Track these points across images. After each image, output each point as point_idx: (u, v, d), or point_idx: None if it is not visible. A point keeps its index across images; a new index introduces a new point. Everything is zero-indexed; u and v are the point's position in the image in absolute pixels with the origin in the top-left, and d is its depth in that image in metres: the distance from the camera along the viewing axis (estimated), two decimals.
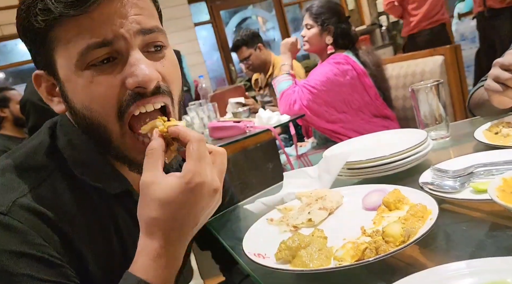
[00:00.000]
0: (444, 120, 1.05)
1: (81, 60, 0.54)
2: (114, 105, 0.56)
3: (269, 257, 0.63)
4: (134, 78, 0.54)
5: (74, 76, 0.55)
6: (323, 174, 0.89)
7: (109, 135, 0.57)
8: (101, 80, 0.55)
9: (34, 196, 0.56)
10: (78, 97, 0.56)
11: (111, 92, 0.55)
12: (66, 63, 0.55)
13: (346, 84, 1.92)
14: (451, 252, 0.57)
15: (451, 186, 0.70)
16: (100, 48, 0.54)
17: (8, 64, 5.33)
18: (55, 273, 0.53)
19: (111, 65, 0.55)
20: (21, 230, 0.52)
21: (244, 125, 1.92)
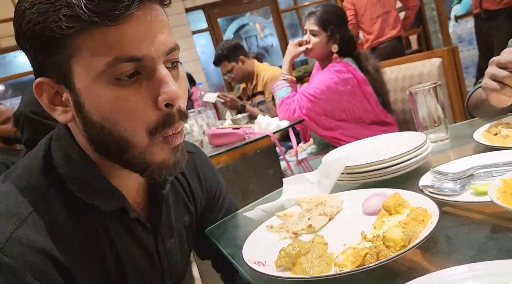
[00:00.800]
0: (443, 123, 1.05)
1: (107, 72, 0.52)
2: (143, 122, 0.55)
3: (269, 265, 0.62)
4: (164, 95, 0.54)
5: (96, 88, 0.53)
6: (322, 179, 0.89)
7: (131, 145, 0.56)
8: (129, 96, 0.54)
9: (31, 224, 0.55)
10: (99, 110, 0.54)
11: (140, 108, 0.54)
12: (87, 73, 0.53)
13: (346, 92, 1.90)
14: (452, 256, 0.57)
15: (451, 188, 0.69)
16: (127, 63, 0.52)
17: (7, 77, 5.35)
18: None
19: (136, 80, 0.54)
20: (13, 268, 0.51)
21: (243, 132, 1.91)
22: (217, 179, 0.90)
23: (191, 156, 0.84)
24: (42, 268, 0.53)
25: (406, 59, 2.16)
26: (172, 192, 0.76)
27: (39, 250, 0.54)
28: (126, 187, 0.65)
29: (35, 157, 0.62)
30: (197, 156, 0.87)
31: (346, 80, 1.89)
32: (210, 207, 0.88)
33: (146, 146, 0.56)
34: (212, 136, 1.95)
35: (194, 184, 0.82)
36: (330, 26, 1.94)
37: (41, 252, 0.54)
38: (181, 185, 0.79)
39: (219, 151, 1.79)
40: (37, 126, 1.67)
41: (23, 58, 5.32)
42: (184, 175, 0.80)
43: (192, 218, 0.81)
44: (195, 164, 0.84)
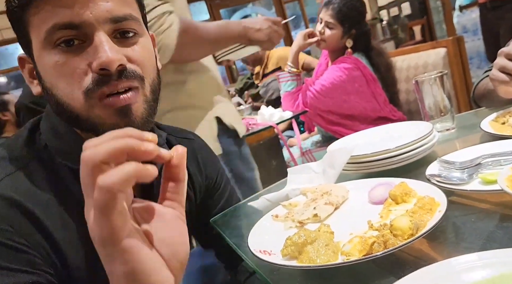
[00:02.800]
0: (449, 112, 1.04)
1: (48, 39, 0.55)
2: (79, 86, 0.56)
3: (275, 254, 0.62)
4: (97, 60, 0.54)
5: (43, 55, 0.56)
6: (327, 169, 0.88)
7: (75, 111, 0.57)
8: (67, 61, 0.55)
9: (6, 184, 0.56)
10: (46, 76, 0.57)
11: (76, 74, 0.55)
12: (37, 42, 0.56)
13: (353, 91, 1.86)
14: (461, 245, 0.56)
15: (459, 177, 0.69)
16: (67, 30, 0.54)
17: (9, 68, 5.34)
18: (19, 260, 0.52)
19: (78, 47, 0.55)
20: None
21: (246, 123, 1.91)
22: (217, 166, 0.89)
23: (190, 142, 0.84)
24: (18, 221, 0.54)
25: (410, 49, 2.14)
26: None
27: (13, 204, 0.54)
28: None
29: (21, 132, 0.65)
30: (195, 142, 0.86)
31: (354, 79, 1.84)
32: (211, 194, 0.87)
33: (86, 109, 0.56)
34: None
35: (192, 169, 0.82)
36: (348, 21, 1.86)
37: (15, 206, 0.54)
38: None
39: None
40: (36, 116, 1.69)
41: None
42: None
43: (191, 203, 0.81)
44: (194, 150, 0.84)
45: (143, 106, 0.60)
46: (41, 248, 0.55)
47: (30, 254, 0.54)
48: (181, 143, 0.82)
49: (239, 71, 5.87)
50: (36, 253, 0.54)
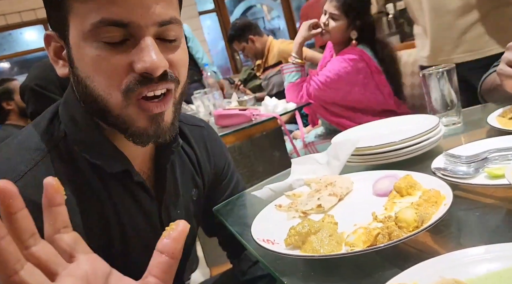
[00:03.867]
0: (455, 106, 1.03)
1: (93, 31, 0.54)
2: (119, 83, 0.56)
3: (278, 243, 0.62)
4: (142, 63, 0.55)
5: (84, 45, 0.55)
6: (332, 160, 0.88)
7: (108, 106, 0.57)
8: (110, 57, 0.55)
9: (28, 181, 0.55)
10: (83, 66, 0.56)
11: (117, 71, 0.55)
12: (78, 30, 0.55)
13: (358, 83, 1.84)
14: (466, 239, 0.56)
15: (465, 171, 0.68)
16: (114, 27, 0.54)
17: (13, 53, 5.33)
18: None
19: (120, 44, 0.55)
20: None
21: (250, 113, 1.90)
22: (225, 155, 0.89)
23: (200, 130, 0.84)
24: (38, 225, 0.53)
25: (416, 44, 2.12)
26: (179, 163, 0.76)
27: (35, 207, 0.53)
28: (131, 153, 0.65)
29: (40, 119, 0.64)
30: (206, 130, 0.86)
31: (359, 70, 1.83)
32: (217, 183, 0.87)
33: (121, 107, 0.57)
34: (218, 117, 1.94)
35: (202, 157, 0.82)
36: (352, 12, 1.84)
37: (36, 209, 0.53)
38: (189, 157, 0.79)
39: (225, 132, 1.79)
40: (41, 99, 1.69)
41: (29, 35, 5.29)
42: (192, 147, 0.80)
43: (200, 192, 0.81)
44: (204, 138, 0.84)
45: (172, 110, 0.61)
46: None
47: None
48: (192, 130, 0.82)
49: (243, 62, 5.84)
50: None
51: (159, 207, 0.69)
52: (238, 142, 1.86)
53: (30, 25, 5.00)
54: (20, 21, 4.79)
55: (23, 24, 4.88)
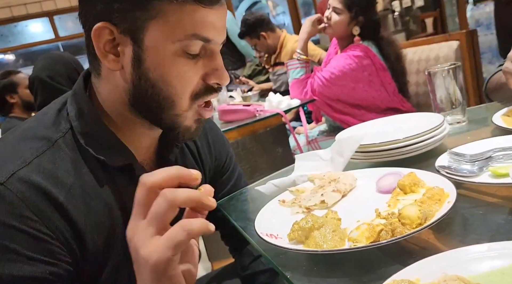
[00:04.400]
0: (461, 105, 1.03)
1: (182, 43, 0.58)
2: (190, 89, 0.62)
3: (282, 238, 0.62)
4: (219, 78, 0.63)
5: (166, 51, 0.58)
6: (335, 157, 0.88)
7: (174, 107, 0.62)
8: (190, 67, 0.60)
9: (34, 167, 0.56)
10: (159, 69, 0.59)
11: (193, 79, 0.61)
12: (165, 36, 0.58)
13: (363, 80, 1.84)
14: (469, 236, 0.56)
15: (469, 170, 0.68)
16: (200, 41, 0.59)
17: (18, 46, 5.34)
18: (39, 249, 0.53)
19: (197, 56, 0.61)
20: (13, 201, 0.53)
21: (254, 109, 1.90)
22: (227, 148, 0.90)
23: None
24: (42, 208, 0.55)
25: (422, 41, 2.11)
26: (180, 156, 0.77)
27: (41, 191, 0.55)
28: (136, 146, 0.67)
29: (48, 110, 0.65)
30: (207, 123, 0.87)
31: (363, 67, 1.82)
32: (219, 176, 0.87)
33: (186, 108, 0.62)
34: (222, 112, 1.94)
35: (203, 148, 0.82)
36: (355, 7, 1.83)
37: (41, 193, 0.55)
38: (190, 150, 0.80)
39: (229, 127, 1.79)
40: (51, 91, 1.70)
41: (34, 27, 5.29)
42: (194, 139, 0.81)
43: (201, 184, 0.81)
44: (205, 130, 0.85)
45: None
46: (62, 235, 0.56)
47: (51, 243, 0.55)
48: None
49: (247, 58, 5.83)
50: (56, 242, 0.55)
51: None
52: (242, 138, 1.86)
53: (35, 18, 5.01)
54: (26, 13, 4.80)
55: (28, 17, 4.89)
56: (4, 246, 0.51)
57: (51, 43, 5.19)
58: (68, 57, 1.88)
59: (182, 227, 0.46)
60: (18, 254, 0.52)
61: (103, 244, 0.61)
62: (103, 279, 0.62)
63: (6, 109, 2.62)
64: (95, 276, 0.61)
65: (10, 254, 0.51)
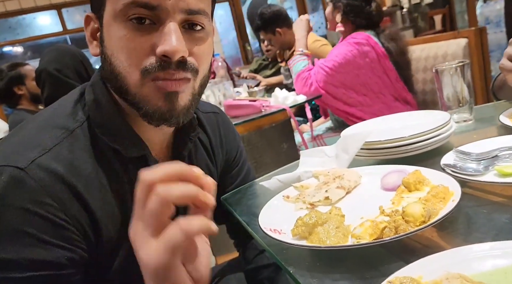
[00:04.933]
0: (468, 103, 1.02)
1: (123, 11, 0.56)
2: (139, 63, 0.58)
3: (285, 233, 0.63)
4: (162, 46, 0.56)
5: (113, 24, 0.58)
6: (340, 153, 0.88)
7: (126, 84, 0.59)
8: (134, 37, 0.57)
9: (53, 155, 0.57)
10: (111, 44, 0.59)
11: (139, 51, 0.57)
12: (111, 9, 0.58)
13: (365, 66, 1.86)
14: (472, 235, 0.56)
15: (474, 168, 0.68)
16: (142, 8, 0.56)
17: (26, 38, 5.37)
18: (58, 235, 0.54)
19: (147, 27, 0.57)
20: (33, 187, 0.53)
21: (260, 104, 1.90)
22: (238, 143, 0.90)
23: (215, 116, 0.85)
24: (60, 195, 0.56)
25: (430, 39, 2.10)
26: (194, 151, 0.77)
27: (59, 178, 0.56)
28: (150, 139, 0.67)
29: (66, 100, 0.66)
30: (220, 116, 0.87)
31: (365, 53, 1.84)
32: (228, 170, 0.88)
33: (138, 84, 0.59)
34: (228, 107, 1.94)
35: (216, 143, 0.83)
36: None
37: (60, 181, 0.56)
38: (203, 144, 0.80)
39: (235, 122, 1.79)
40: (58, 84, 1.71)
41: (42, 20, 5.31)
42: (208, 134, 0.81)
43: (213, 178, 0.82)
44: (218, 124, 0.85)
45: (188, 98, 0.62)
46: (78, 222, 0.57)
47: (69, 230, 0.56)
48: (208, 117, 0.83)
49: (254, 53, 5.82)
50: (73, 229, 0.56)
51: None
52: (247, 133, 1.87)
53: (43, 10, 5.03)
54: (34, 5, 4.82)
55: (36, 9, 4.91)
56: (23, 231, 0.52)
57: (59, 36, 5.21)
58: (74, 50, 1.89)
59: (179, 227, 0.43)
60: (37, 239, 0.53)
61: (116, 234, 0.62)
62: (115, 268, 0.63)
63: (14, 101, 2.64)
64: (107, 265, 0.62)
65: (29, 238, 0.52)
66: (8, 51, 5.93)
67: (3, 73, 2.60)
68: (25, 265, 0.52)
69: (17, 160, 0.55)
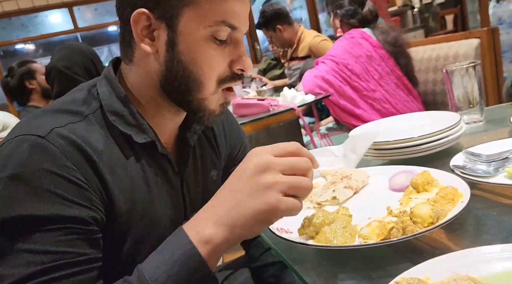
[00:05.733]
0: (478, 104, 1.01)
1: (212, 28, 0.62)
2: (217, 73, 0.65)
3: (292, 232, 0.63)
4: (242, 66, 0.66)
5: (197, 36, 0.62)
6: (348, 153, 0.88)
7: (201, 89, 0.65)
8: (218, 50, 0.64)
9: (70, 129, 0.61)
10: (191, 53, 0.63)
11: (221, 64, 0.65)
12: (197, 22, 0.62)
13: (362, 55, 1.97)
14: (481, 237, 0.56)
15: (484, 170, 0.67)
16: (228, 27, 0.63)
17: (38, 36, 5.43)
18: (81, 195, 0.57)
19: (224, 44, 0.64)
20: (55, 152, 0.57)
21: (268, 103, 1.90)
22: (242, 138, 0.90)
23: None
24: (79, 161, 0.59)
25: (441, 39, 2.08)
26: (199, 145, 0.79)
27: (77, 146, 0.60)
28: (160, 127, 0.70)
29: (78, 90, 0.69)
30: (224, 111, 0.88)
31: (360, 44, 1.97)
32: (231, 165, 0.88)
33: (212, 92, 0.66)
34: (236, 106, 1.94)
35: (220, 137, 0.84)
36: (331, 5, 2.12)
37: (78, 148, 0.60)
38: (208, 139, 0.81)
39: (243, 121, 1.79)
40: (67, 80, 1.74)
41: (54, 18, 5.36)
42: (212, 128, 0.83)
43: (218, 173, 0.82)
44: (222, 119, 0.85)
45: None
46: (96, 187, 0.60)
47: (90, 191, 0.59)
48: None
49: (262, 52, 5.82)
50: (93, 191, 0.59)
51: (181, 182, 0.73)
52: (255, 132, 1.87)
53: (55, 8, 5.08)
54: (46, 3, 4.87)
55: (48, 7, 4.97)
56: (50, 190, 0.55)
57: (70, 34, 5.27)
58: (85, 48, 1.91)
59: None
60: (62, 197, 0.55)
61: (125, 214, 0.64)
62: (124, 252, 0.64)
63: (25, 97, 2.68)
64: (118, 247, 0.64)
65: (55, 196, 0.55)
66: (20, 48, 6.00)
67: (14, 70, 2.65)
68: (55, 220, 0.55)
69: (38, 130, 0.58)
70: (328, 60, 1.99)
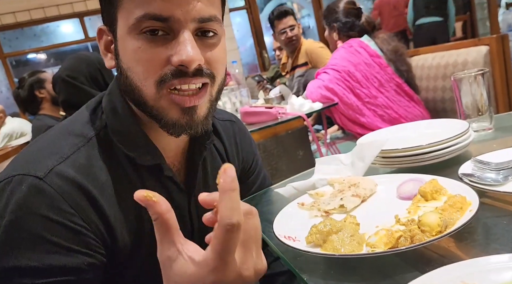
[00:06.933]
0: (487, 112, 1.01)
1: (136, 25, 0.57)
2: (154, 74, 0.59)
3: (300, 240, 0.63)
4: (178, 56, 0.57)
5: (127, 38, 0.59)
6: (356, 161, 0.88)
7: (143, 97, 0.61)
8: (149, 49, 0.58)
9: (71, 163, 0.59)
10: (126, 57, 0.60)
11: (154, 63, 0.58)
12: (124, 23, 0.59)
13: (361, 63, 2.01)
14: (490, 246, 0.55)
15: (493, 178, 0.67)
16: (155, 21, 0.57)
17: (50, 45, 5.53)
18: (77, 241, 0.56)
19: (161, 38, 0.58)
20: (52, 196, 0.55)
21: (276, 111, 1.91)
22: (254, 151, 0.90)
23: (231, 124, 0.86)
24: (78, 202, 0.57)
25: (450, 46, 2.07)
26: (210, 159, 0.78)
27: (77, 186, 0.58)
28: (165, 147, 0.68)
29: (84, 109, 0.68)
30: (236, 124, 0.88)
31: (358, 52, 2.01)
32: (244, 179, 0.88)
33: (155, 97, 0.60)
34: (244, 114, 1.95)
35: (231, 151, 0.83)
36: (326, 19, 2.19)
37: (77, 187, 0.58)
38: (219, 152, 0.81)
39: (251, 129, 1.80)
40: (72, 89, 1.79)
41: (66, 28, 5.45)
42: (223, 142, 0.82)
43: None
44: (234, 132, 0.86)
45: (206, 106, 0.64)
46: (96, 227, 0.59)
47: (87, 235, 0.57)
48: (224, 125, 0.84)
49: (271, 60, 5.85)
50: (92, 234, 0.58)
51: (188, 199, 0.72)
52: (263, 140, 1.87)
53: (67, 18, 5.18)
54: (58, 14, 4.97)
55: (60, 17, 5.06)
56: (44, 237, 0.54)
57: (81, 44, 5.36)
58: (93, 58, 1.95)
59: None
60: (57, 245, 0.54)
61: (131, 241, 0.63)
62: (130, 276, 0.64)
63: (36, 106, 2.73)
64: (123, 273, 0.64)
65: (49, 245, 0.54)
66: (32, 58, 6.12)
67: (24, 81, 2.71)
68: (48, 271, 0.53)
69: (36, 169, 0.57)
70: (330, 69, 2.01)
